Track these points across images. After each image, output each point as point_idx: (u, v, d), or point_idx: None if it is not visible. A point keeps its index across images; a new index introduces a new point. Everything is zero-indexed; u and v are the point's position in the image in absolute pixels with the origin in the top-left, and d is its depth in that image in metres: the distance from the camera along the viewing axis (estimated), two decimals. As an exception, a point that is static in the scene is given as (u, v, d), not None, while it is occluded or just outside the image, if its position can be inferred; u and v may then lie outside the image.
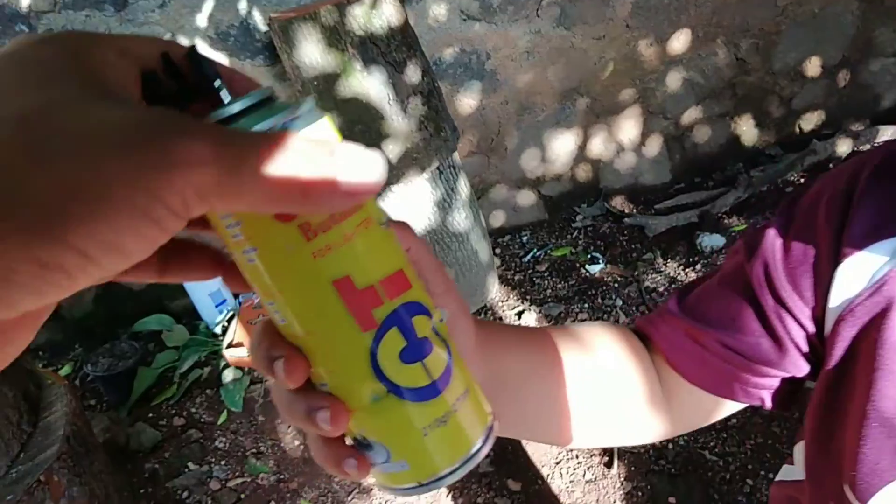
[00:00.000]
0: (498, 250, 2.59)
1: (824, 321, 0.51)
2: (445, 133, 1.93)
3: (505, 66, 2.28)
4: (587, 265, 2.42)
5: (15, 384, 1.41)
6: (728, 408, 0.60)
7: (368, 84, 1.79)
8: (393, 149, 1.86)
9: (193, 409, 2.15)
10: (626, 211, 2.63)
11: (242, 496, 1.89)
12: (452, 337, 0.35)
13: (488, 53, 2.26)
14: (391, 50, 1.80)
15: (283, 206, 0.25)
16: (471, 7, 2.16)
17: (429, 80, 1.90)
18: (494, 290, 2.36)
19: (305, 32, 1.74)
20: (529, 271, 2.48)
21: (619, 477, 1.77)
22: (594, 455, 1.85)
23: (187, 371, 2.24)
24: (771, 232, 0.54)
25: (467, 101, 2.33)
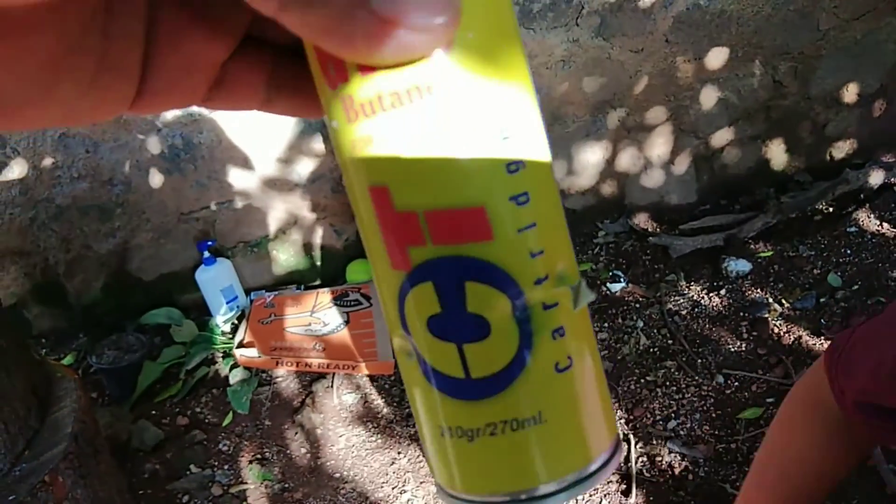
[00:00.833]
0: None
1: None
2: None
3: (540, 73, 2.22)
4: (608, 283, 2.36)
5: (24, 376, 1.34)
6: None
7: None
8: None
9: (198, 409, 2.08)
10: (650, 230, 2.57)
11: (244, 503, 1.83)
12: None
13: (523, 60, 2.20)
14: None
15: (308, 24, 0.18)
16: (509, 12, 2.10)
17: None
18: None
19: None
20: (549, 286, 2.41)
21: (640, 507, 1.72)
22: (612, 482, 1.79)
23: (194, 368, 2.17)
24: None
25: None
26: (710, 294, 2.26)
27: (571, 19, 2.16)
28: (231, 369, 2.15)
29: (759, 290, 2.22)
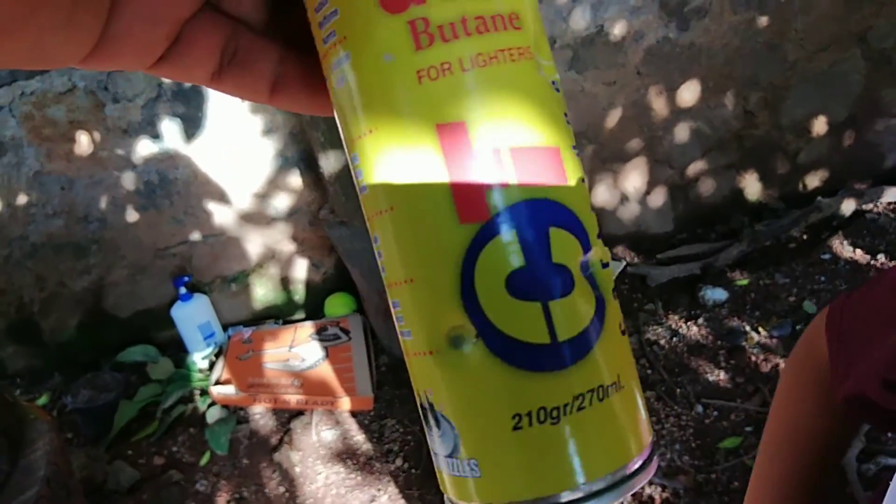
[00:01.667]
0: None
1: None
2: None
3: (514, 107, 2.25)
4: (587, 313, 2.36)
5: (-4, 419, 1.32)
6: None
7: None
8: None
9: (175, 449, 2.05)
10: (628, 259, 2.58)
11: (223, 544, 1.80)
12: None
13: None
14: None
15: None
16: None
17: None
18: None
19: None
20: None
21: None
22: None
23: (170, 407, 2.14)
24: None
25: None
26: (688, 323, 2.27)
27: (545, 54, 2.19)
28: (208, 407, 2.12)
29: (736, 318, 2.23)
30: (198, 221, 2.25)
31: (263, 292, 2.45)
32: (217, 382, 2.13)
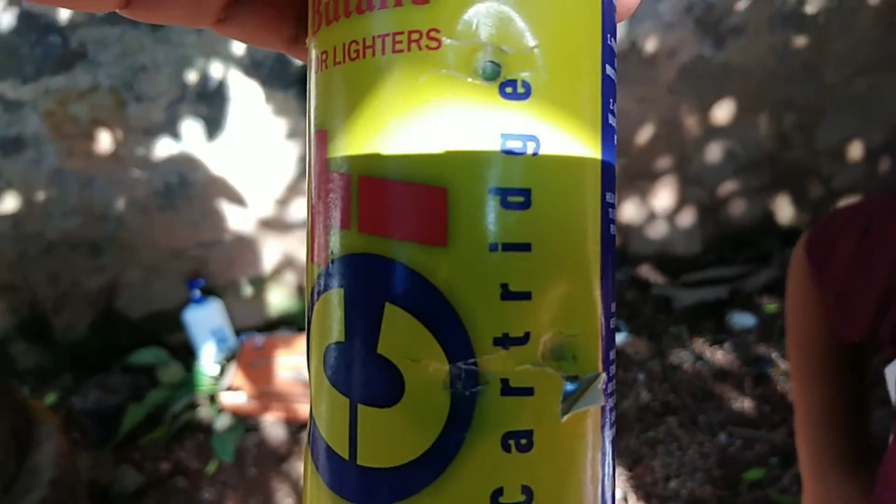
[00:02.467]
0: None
1: None
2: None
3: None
4: (609, 334, 2.30)
5: (6, 419, 1.28)
6: None
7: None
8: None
9: (182, 454, 2.01)
10: (653, 280, 2.52)
11: (226, 557, 1.75)
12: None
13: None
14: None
15: None
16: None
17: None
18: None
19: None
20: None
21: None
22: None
23: (179, 412, 2.10)
24: None
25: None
26: (714, 348, 2.20)
27: (575, 66, 2.15)
28: (217, 414, 2.08)
29: (763, 345, 2.16)
30: (215, 225, 2.22)
31: (278, 299, 2.41)
32: (227, 389, 2.09)
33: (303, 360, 2.17)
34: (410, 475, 0.15)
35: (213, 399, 2.15)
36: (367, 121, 0.15)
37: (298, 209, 2.25)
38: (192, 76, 2.00)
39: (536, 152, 0.14)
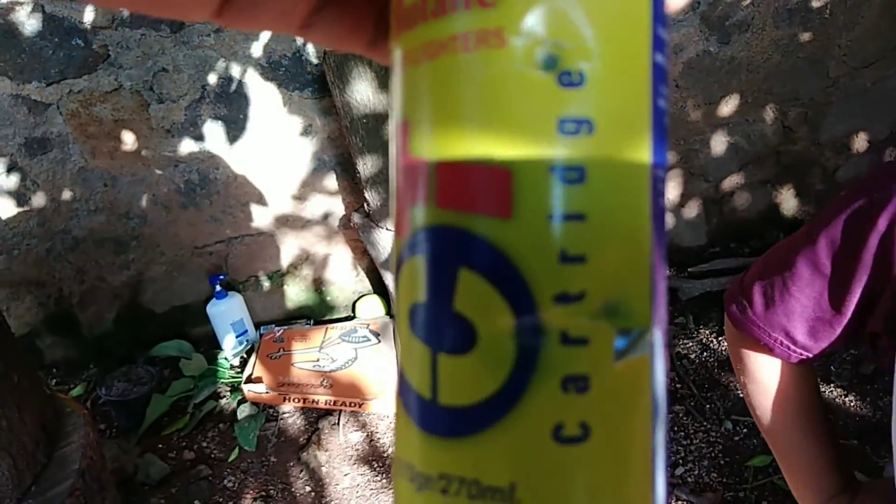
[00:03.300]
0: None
1: None
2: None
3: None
4: (618, 325, 2.36)
5: (35, 410, 1.35)
6: None
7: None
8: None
9: (205, 444, 2.08)
10: (660, 272, 2.57)
11: (249, 540, 1.82)
12: None
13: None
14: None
15: None
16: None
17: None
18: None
19: (360, 70, 1.71)
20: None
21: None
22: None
23: (202, 402, 2.18)
24: None
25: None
26: (720, 338, 2.25)
27: (583, 64, 2.19)
28: (239, 404, 2.15)
29: (768, 336, 2.21)
30: (235, 221, 2.29)
31: (296, 292, 2.48)
32: (248, 380, 2.16)
33: (319, 352, 2.24)
34: (483, 412, 0.17)
35: (234, 389, 2.22)
36: (442, 111, 0.18)
37: (315, 206, 2.31)
38: (211, 77, 2.06)
39: (591, 134, 0.17)
